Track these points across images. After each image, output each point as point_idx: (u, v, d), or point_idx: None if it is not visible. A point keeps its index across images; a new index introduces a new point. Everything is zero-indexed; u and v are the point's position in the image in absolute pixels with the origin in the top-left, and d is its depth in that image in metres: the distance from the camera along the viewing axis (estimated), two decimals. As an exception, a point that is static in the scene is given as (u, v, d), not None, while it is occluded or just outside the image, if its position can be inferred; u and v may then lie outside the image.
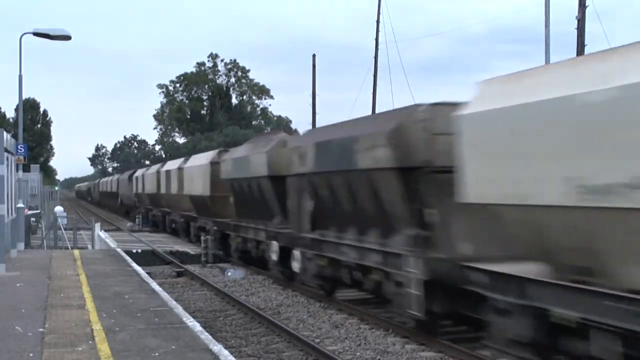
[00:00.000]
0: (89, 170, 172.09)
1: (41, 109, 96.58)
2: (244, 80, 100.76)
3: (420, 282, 10.89)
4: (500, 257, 9.15)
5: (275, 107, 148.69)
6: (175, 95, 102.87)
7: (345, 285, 14.75)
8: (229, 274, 20.73)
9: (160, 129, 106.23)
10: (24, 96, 33.88)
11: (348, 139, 13.03)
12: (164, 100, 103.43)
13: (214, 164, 25.28)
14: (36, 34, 22.43)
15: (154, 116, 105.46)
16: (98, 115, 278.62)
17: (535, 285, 8.16)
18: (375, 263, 12.34)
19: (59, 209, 35.06)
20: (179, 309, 11.22)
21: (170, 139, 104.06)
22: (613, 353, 7.29)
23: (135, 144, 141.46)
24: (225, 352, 8.35)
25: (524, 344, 8.49)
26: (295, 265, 16.29)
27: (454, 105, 10.05)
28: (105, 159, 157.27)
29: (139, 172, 48.43)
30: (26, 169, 36.35)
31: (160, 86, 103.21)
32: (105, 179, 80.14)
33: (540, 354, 8.41)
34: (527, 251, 8.61)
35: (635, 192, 6.57)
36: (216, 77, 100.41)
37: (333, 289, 15.63)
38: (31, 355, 8.16)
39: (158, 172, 38.08)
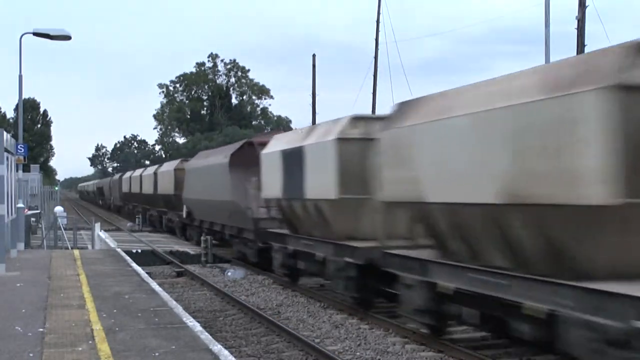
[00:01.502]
0: (89, 170, 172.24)
1: (41, 109, 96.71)
2: (244, 80, 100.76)
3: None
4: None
5: (275, 107, 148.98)
6: (175, 95, 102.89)
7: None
8: (229, 274, 20.73)
9: (160, 129, 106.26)
10: (24, 96, 33.92)
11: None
12: (164, 100, 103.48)
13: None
14: (36, 34, 22.44)
15: (154, 116, 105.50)
16: (98, 115, 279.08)
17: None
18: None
19: (59, 209, 35.05)
20: (179, 309, 11.22)
21: (170, 139, 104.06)
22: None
23: (135, 144, 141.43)
24: (225, 352, 8.34)
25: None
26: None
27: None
28: (105, 159, 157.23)
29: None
30: (26, 169, 36.36)
31: (160, 86, 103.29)
32: (139, 172, 48.89)
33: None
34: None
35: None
36: (216, 77, 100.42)
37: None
38: (31, 355, 8.16)
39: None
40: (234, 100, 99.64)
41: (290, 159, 16.53)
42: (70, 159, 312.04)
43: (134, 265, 17.73)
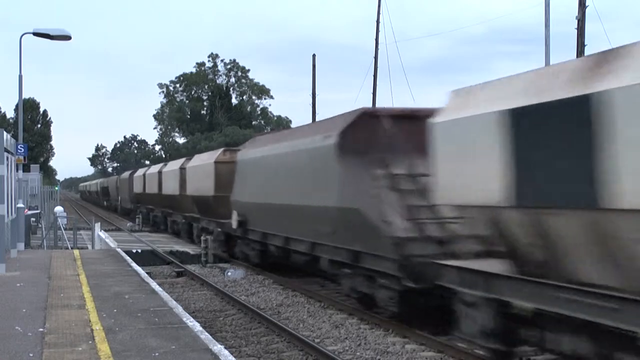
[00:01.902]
0: (89, 170, 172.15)
1: (41, 109, 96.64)
2: (244, 80, 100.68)
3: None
4: None
5: (275, 107, 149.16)
6: (175, 95, 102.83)
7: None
8: (229, 274, 20.72)
9: (160, 129, 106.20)
10: (24, 96, 33.93)
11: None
12: (164, 100, 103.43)
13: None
14: (36, 34, 22.42)
15: (154, 116, 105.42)
16: (98, 115, 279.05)
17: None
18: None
19: (59, 209, 35.05)
20: (179, 309, 11.22)
21: (170, 139, 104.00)
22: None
23: (135, 144, 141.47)
24: (226, 352, 8.34)
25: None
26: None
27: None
28: (105, 159, 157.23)
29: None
30: (26, 169, 36.38)
31: (160, 86, 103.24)
32: (156, 168, 40.06)
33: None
34: None
35: None
36: (216, 77, 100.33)
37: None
38: (31, 355, 8.16)
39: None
40: (234, 100, 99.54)
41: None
42: (70, 159, 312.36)
43: (134, 265, 17.72)
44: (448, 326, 10.54)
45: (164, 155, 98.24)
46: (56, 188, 67.17)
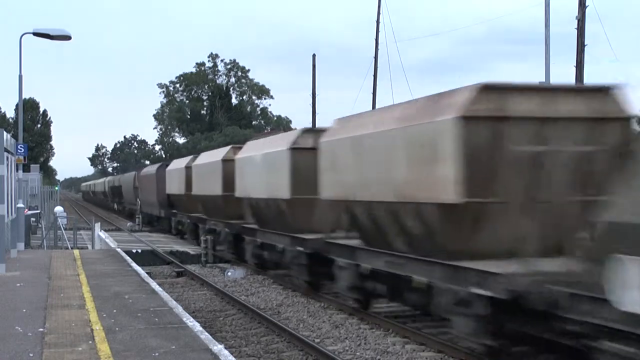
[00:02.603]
0: (89, 170, 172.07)
1: (41, 109, 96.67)
2: (244, 80, 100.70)
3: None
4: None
5: (275, 107, 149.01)
6: (175, 95, 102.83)
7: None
8: (229, 273, 20.73)
9: (160, 129, 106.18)
10: (24, 96, 33.94)
11: None
12: (164, 100, 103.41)
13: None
14: (36, 34, 22.44)
15: (154, 116, 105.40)
16: (98, 115, 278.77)
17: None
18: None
19: (59, 209, 35.06)
20: (179, 309, 11.23)
21: (170, 139, 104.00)
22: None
23: (135, 144, 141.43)
24: (226, 352, 8.35)
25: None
26: None
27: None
28: (105, 159, 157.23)
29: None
30: (26, 169, 36.37)
31: (160, 86, 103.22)
32: (206, 158, 27.86)
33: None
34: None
35: None
36: (216, 77, 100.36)
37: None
38: (31, 355, 8.16)
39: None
40: (234, 100, 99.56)
41: None
42: (70, 159, 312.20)
43: (134, 265, 17.73)
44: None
45: (164, 156, 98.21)
46: (56, 188, 67.21)
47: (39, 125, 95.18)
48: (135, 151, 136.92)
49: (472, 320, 9.63)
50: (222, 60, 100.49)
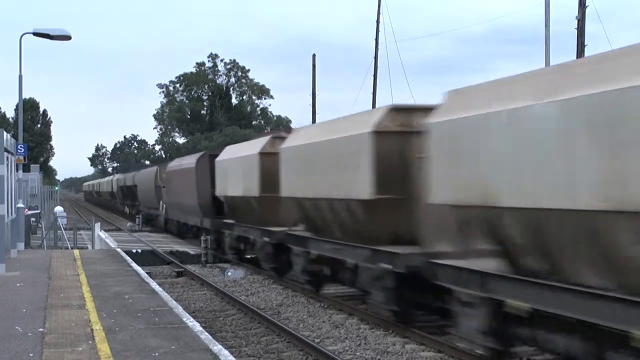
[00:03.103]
0: (89, 170, 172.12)
1: (41, 109, 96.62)
2: (244, 80, 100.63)
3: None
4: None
5: (275, 107, 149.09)
6: (175, 95, 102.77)
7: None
8: (229, 273, 20.73)
9: (160, 129, 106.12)
10: (24, 96, 33.93)
11: None
12: (164, 100, 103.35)
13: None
14: (36, 34, 22.42)
15: (154, 116, 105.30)
16: (98, 115, 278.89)
17: None
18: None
19: (59, 209, 35.07)
20: (179, 309, 11.23)
21: (170, 139, 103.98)
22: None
23: (135, 144, 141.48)
24: (226, 352, 8.35)
25: None
26: None
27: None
28: (105, 159, 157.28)
29: None
30: (26, 169, 36.38)
31: (160, 86, 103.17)
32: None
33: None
34: None
35: None
36: (216, 77, 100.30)
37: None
38: (31, 355, 8.16)
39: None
40: (234, 100, 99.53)
41: None
42: (70, 159, 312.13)
43: (134, 265, 17.73)
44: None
45: (164, 155, 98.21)
46: (56, 188, 67.18)
47: (39, 125, 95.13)
48: (135, 151, 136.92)
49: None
50: (222, 60, 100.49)
